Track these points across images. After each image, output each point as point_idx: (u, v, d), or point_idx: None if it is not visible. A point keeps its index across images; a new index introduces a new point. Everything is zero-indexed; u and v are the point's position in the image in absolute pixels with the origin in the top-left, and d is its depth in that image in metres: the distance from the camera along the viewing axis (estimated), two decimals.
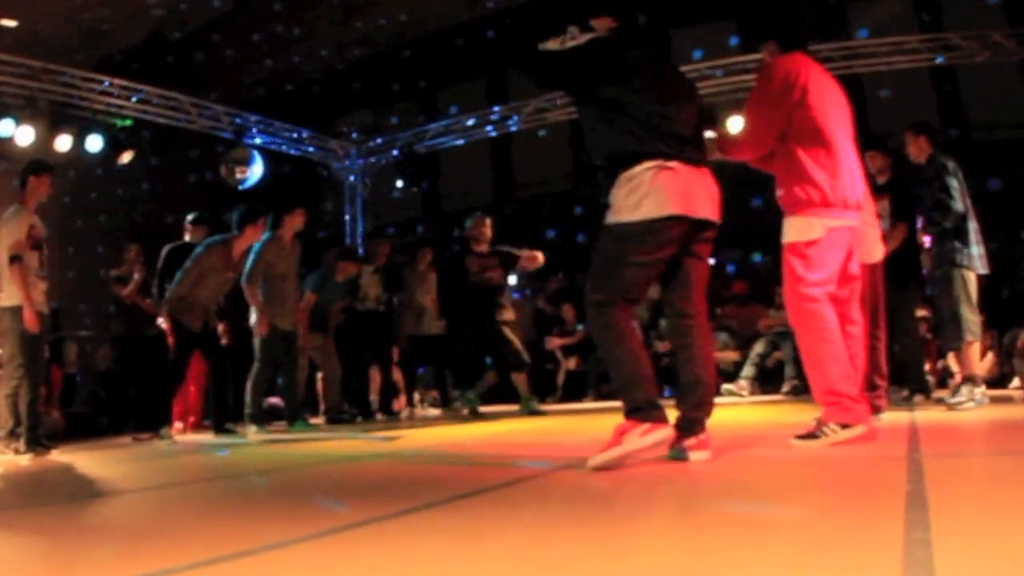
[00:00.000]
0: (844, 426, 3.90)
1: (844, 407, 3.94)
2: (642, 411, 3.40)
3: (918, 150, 6.50)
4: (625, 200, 3.51)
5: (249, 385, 7.86)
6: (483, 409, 9.22)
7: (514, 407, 9.01)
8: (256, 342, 7.93)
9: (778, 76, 4.09)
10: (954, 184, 6.19)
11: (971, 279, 6.24)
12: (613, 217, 3.57)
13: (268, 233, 7.98)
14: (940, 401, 6.38)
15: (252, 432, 7.62)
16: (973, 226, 6.29)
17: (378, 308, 9.98)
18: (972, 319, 6.18)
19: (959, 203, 6.19)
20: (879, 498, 2.52)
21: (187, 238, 8.72)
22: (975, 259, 6.25)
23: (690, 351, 3.67)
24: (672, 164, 3.49)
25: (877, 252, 5.40)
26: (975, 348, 6.29)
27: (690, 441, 3.53)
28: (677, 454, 3.53)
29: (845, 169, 4.14)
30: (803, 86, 4.06)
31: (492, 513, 2.70)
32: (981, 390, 6.08)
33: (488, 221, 8.94)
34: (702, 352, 3.68)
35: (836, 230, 4.10)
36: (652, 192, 3.46)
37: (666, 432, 3.42)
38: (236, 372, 8.22)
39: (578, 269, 13.76)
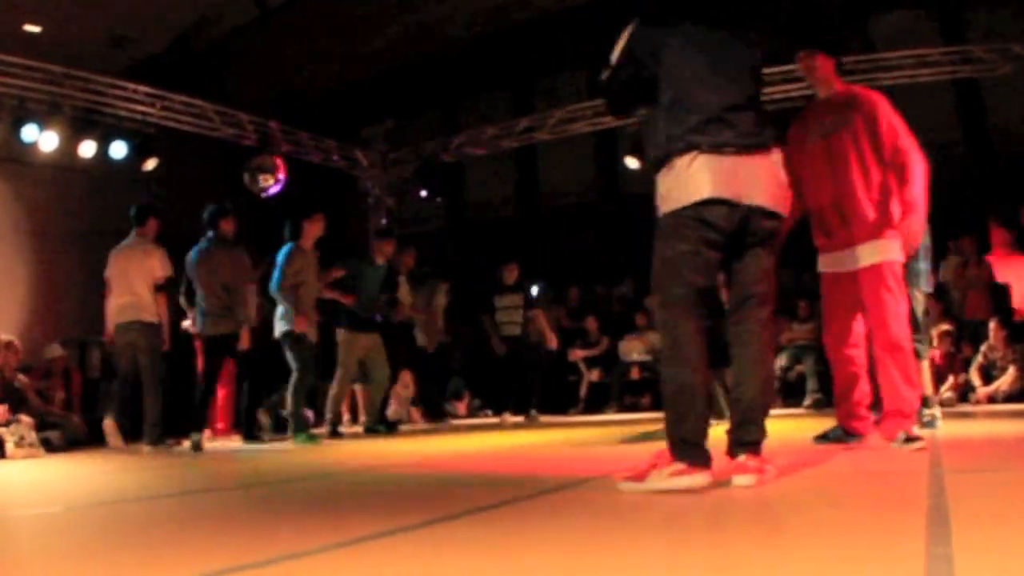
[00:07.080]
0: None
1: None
2: (681, 447, 3.03)
3: None
4: (667, 193, 3.22)
5: (290, 393, 7.77)
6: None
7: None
8: (294, 350, 7.80)
9: (887, 103, 4.40)
10: None
11: (918, 299, 5.69)
12: (659, 214, 3.27)
13: (289, 243, 7.91)
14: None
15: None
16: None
17: (410, 319, 9.81)
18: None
19: None
20: (900, 513, 2.51)
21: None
22: (921, 277, 5.68)
23: (738, 363, 3.30)
24: (714, 152, 3.15)
25: None
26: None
27: (731, 464, 3.18)
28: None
29: None
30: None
31: (514, 525, 2.71)
32: (933, 411, 5.71)
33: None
34: (751, 366, 3.27)
35: None
36: (689, 177, 3.14)
37: (702, 479, 2.98)
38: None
39: (598, 281, 13.77)
